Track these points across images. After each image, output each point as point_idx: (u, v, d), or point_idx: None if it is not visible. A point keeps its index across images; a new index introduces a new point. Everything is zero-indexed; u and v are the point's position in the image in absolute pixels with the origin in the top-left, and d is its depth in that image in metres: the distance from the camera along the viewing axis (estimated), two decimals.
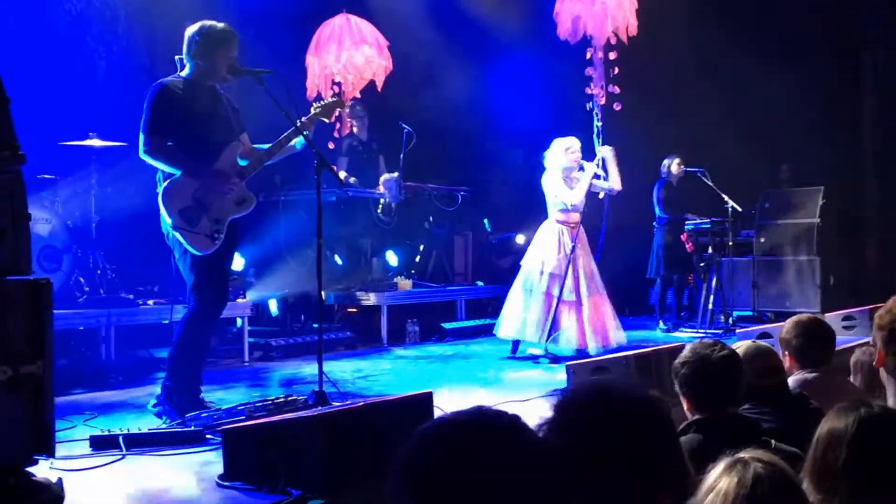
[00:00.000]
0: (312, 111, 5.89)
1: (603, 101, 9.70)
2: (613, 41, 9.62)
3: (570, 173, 8.40)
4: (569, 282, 8.15)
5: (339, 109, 6.67)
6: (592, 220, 8.56)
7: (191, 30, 5.59)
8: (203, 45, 5.51)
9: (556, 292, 8.10)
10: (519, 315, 8.29)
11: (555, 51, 10.59)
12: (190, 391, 5.55)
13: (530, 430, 1.43)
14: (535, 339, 8.13)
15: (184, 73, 5.61)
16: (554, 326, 8.09)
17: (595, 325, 8.21)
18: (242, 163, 5.65)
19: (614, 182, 8.37)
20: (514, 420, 1.43)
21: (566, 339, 8.10)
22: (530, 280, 8.29)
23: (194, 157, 5.46)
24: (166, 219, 5.39)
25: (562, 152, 8.37)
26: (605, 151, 8.36)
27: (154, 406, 5.53)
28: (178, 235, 5.37)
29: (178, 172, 5.41)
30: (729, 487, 1.90)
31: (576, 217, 8.32)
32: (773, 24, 12.83)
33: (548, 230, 8.40)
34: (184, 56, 5.60)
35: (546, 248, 8.30)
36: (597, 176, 8.32)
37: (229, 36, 5.54)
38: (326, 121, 6.17)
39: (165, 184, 5.41)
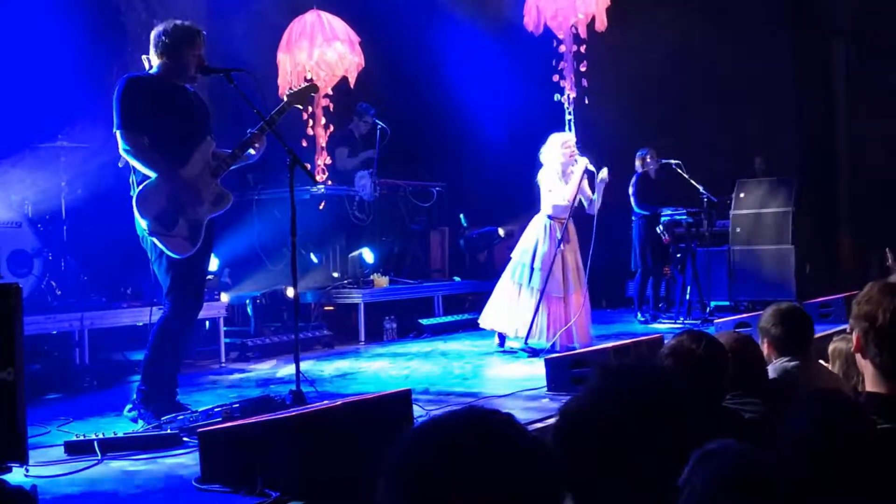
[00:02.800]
0: (285, 100, 5.81)
1: (574, 95, 9.70)
2: (583, 35, 9.64)
3: (566, 168, 8.37)
4: (558, 277, 8.11)
5: (312, 94, 6.53)
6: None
7: (157, 29, 5.52)
8: (169, 43, 5.44)
9: (534, 285, 8.07)
10: (506, 308, 8.24)
11: (527, 44, 10.58)
12: (166, 394, 5.48)
13: (524, 429, 1.42)
14: (521, 333, 8.09)
15: (155, 72, 5.54)
16: (541, 321, 8.04)
17: (578, 321, 8.20)
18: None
19: (567, 193, 8.26)
20: (508, 419, 1.42)
21: (552, 335, 8.05)
22: (520, 273, 8.23)
23: (168, 155, 5.38)
24: (141, 224, 5.31)
25: (559, 147, 8.34)
26: (580, 162, 8.28)
27: (129, 411, 5.46)
28: (155, 241, 5.30)
29: (153, 175, 5.32)
30: (702, 481, 1.88)
31: (565, 212, 8.27)
32: (744, 13, 12.86)
33: (539, 224, 8.33)
34: (151, 55, 5.54)
35: (537, 243, 8.23)
36: (589, 172, 8.25)
37: (195, 33, 5.47)
38: (301, 108, 6.09)
39: (139, 188, 5.32)
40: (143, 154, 5.30)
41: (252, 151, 5.66)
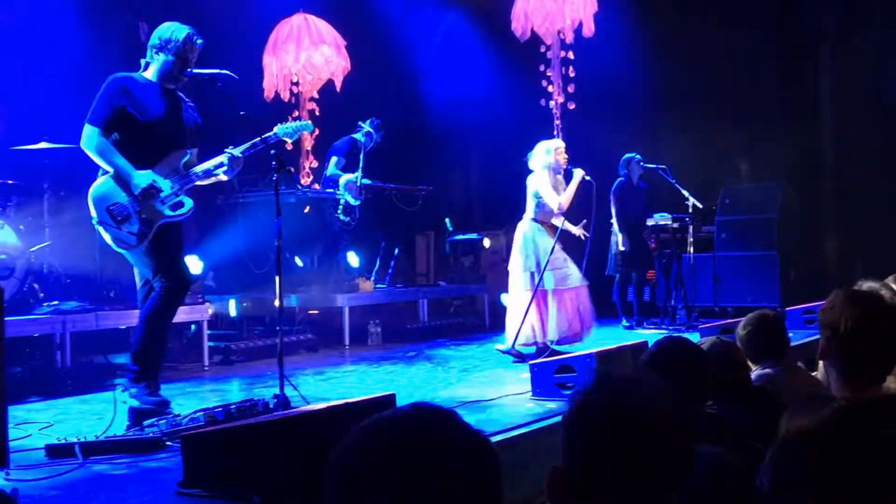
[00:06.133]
0: (277, 131, 5.79)
1: (561, 100, 9.73)
2: (569, 40, 9.68)
3: (556, 173, 8.37)
4: (561, 272, 8.11)
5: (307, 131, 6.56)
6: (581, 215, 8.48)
7: (157, 30, 5.53)
8: (158, 45, 5.47)
9: (548, 287, 8.04)
10: (528, 320, 8.10)
11: (514, 50, 10.61)
12: (154, 373, 5.47)
13: (467, 425, 1.42)
14: (553, 337, 8.03)
15: (146, 74, 5.55)
16: (522, 322, 8.01)
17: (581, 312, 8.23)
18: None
19: (563, 200, 8.28)
20: (451, 415, 1.42)
21: (564, 329, 8.04)
22: (528, 282, 8.14)
23: (136, 155, 5.39)
24: (92, 213, 5.35)
25: (551, 152, 8.33)
26: (577, 173, 8.30)
27: (123, 391, 5.43)
28: (100, 230, 5.34)
29: (111, 171, 5.35)
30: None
31: (553, 217, 8.29)
32: (729, 18, 12.90)
33: (529, 229, 8.29)
34: (147, 58, 5.54)
35: (536, 247, 8.18)
36: (586, 182, 8.25)
37: (184, 36, 5.46)
38: (289, 141, 6.12)
39: (100, 180, 5.36)
40: (103, 154, 5.33)
41: (224, 170, 5.66)
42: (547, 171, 8.31)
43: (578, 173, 8.27)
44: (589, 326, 8.25)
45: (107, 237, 5.35)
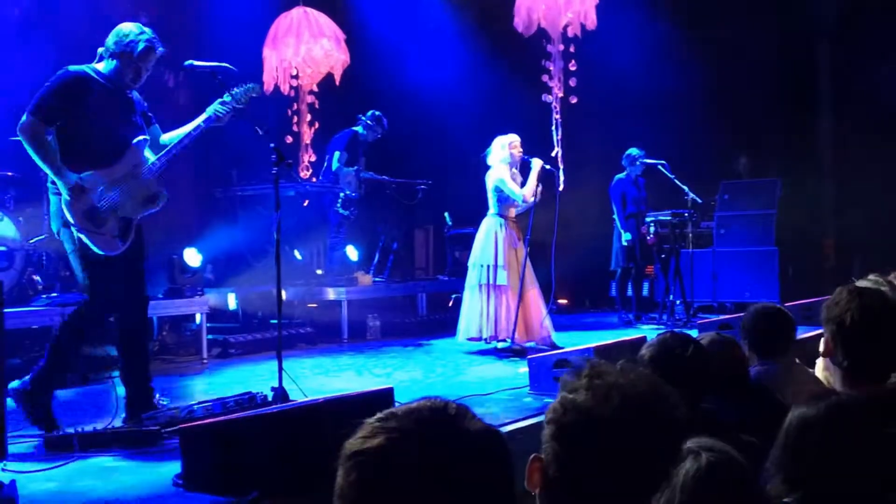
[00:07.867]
0: (226, 100, 5.46)
1: (560, 94, 9.71)
2: (570, 34, 9.65)
3: (512, 168, 8.45)
4: (527, 274, 8.19)
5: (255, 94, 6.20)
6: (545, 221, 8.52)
7: (117, 29, 5.30)
8: (115, 53, 5.24)
9: (512, 284, 8.10)
10: (478, 314, 8.22)
11: (516, 44, 10.58)
12: (43, 402, 5.11)
13: (477, 419, 1.43)
14: (492, 333, 8.12)
15: (100, 68, 5.31)
16: (516, 319, 8.06)
17: (537, 318, 8.26)
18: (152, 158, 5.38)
19: (527, 192, 8.34)
20: (463, 409, 1.43)
21: (528, 331, 8.11)
22: (485, 275, 8.24)
23: (97, 154, 5.18)
24: (69, 219, 5.06)
25: (506, 147, 8.42)
26: (536, 163, 8.37)
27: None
28: (83, 238, 5.08)
29: (47, 170, 5.08)
30: (681, 478, 1.89)
31: (515, 211, 8.38)
32: (729, 15, 12.89)
33: (493, 225, 8.39)
34: (103, 51, 5.31)
35: (496, 243, 8.27)
36: (547, 171, 8.34)
37: (144, 51, 5.23)
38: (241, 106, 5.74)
39: (73, 183, 5.08)
40: (38, 147, 5.06)
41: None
42: (505, 166, 8.40)
43: (537, 164, 8.37)
44: (548, 335, 8.32)
45: (90, 244, 5.09)
